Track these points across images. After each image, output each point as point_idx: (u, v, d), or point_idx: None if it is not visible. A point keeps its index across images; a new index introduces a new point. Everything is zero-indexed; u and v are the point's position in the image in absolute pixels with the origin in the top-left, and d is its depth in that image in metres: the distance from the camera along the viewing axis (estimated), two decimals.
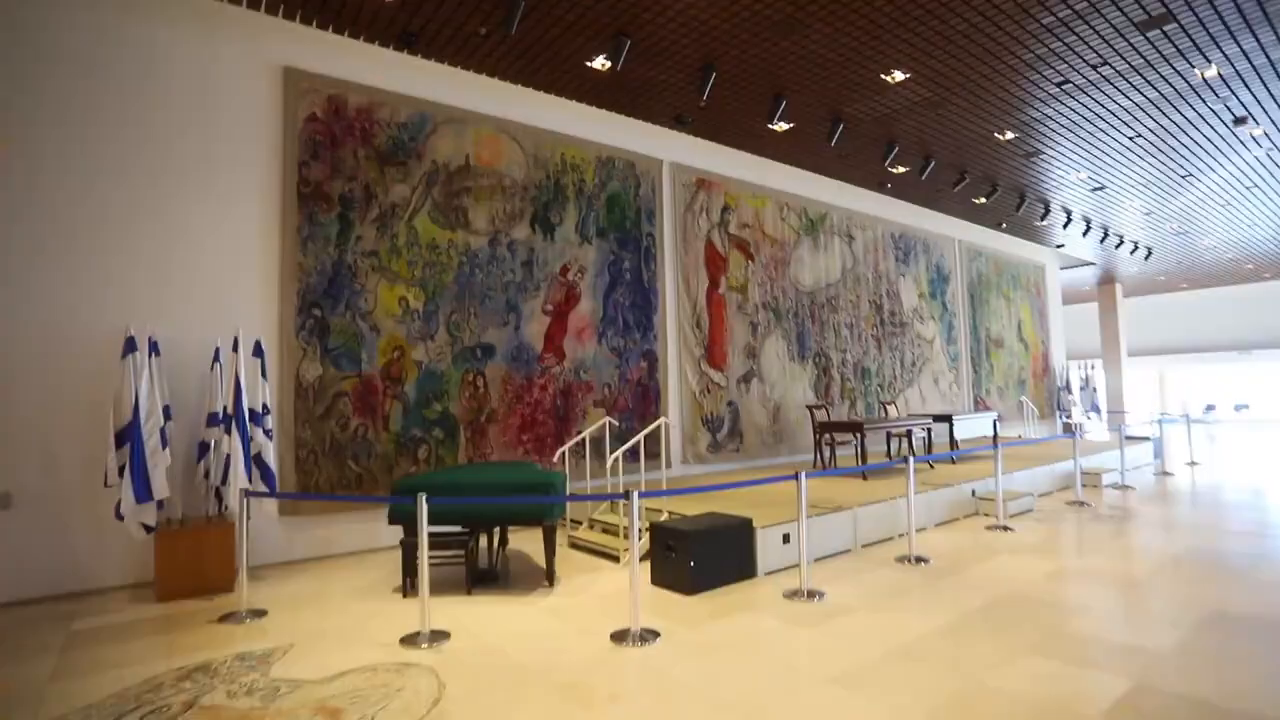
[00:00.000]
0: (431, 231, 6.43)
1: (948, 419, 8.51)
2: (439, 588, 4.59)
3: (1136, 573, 4.65)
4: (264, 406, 5.03)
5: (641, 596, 4.31)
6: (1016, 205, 10.78)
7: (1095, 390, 16.44)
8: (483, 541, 5.33)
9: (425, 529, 3.76)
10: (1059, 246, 14.74)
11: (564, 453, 6.32)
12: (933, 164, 8.79)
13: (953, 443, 8.37)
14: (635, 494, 3.79)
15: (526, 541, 5.96)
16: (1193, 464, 10.33)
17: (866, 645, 3.44)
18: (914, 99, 7.32)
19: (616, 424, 6.71)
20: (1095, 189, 10.53)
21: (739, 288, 9.06)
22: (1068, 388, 15.55)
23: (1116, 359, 18.59)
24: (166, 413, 4.53)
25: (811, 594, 4.27)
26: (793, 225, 9.90)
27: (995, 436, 9.30)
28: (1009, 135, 8.28)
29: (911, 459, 5.32)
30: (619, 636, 3.59)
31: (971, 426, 8.98)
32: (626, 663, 3.31)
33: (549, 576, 4.65)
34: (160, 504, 4.62)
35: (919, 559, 5.03)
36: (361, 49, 6.13)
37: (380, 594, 4.54)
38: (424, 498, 3.79)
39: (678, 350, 8.26)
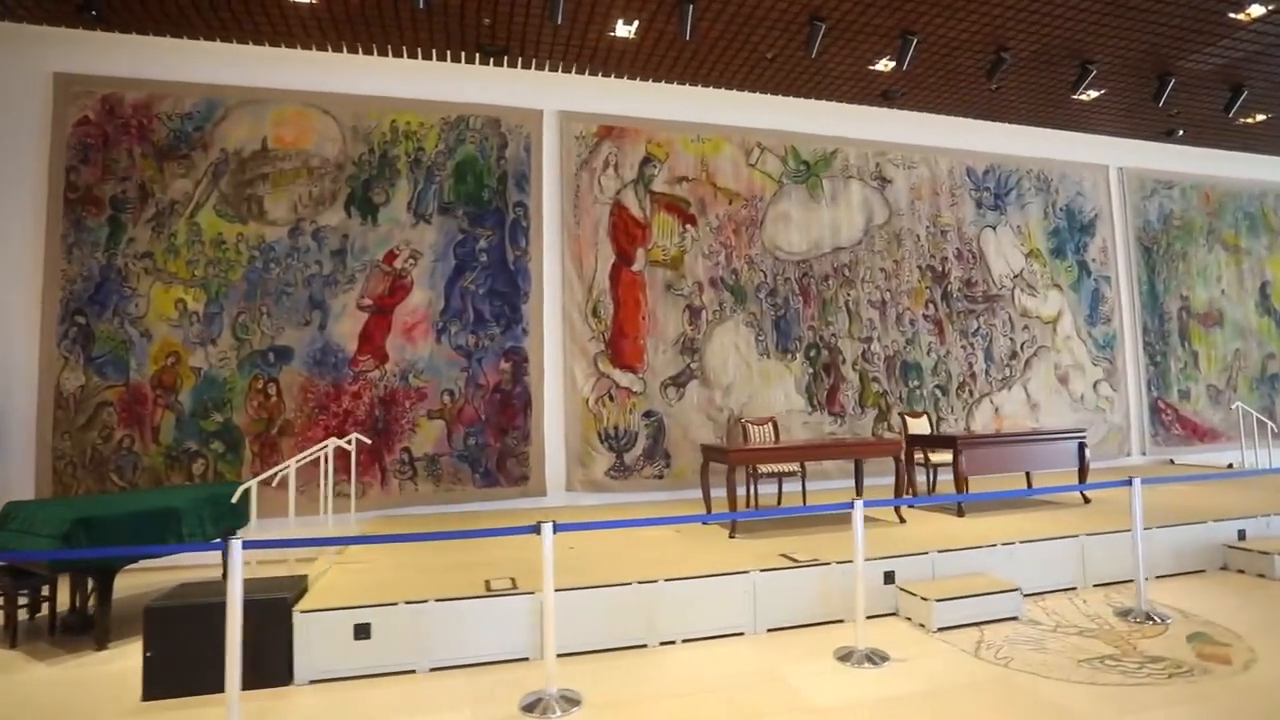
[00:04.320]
0: (217, 226, 5.90)
1: (951, 441, 5.40)
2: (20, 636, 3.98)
3: None
4: None
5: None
6: (1155, 93, 6.47)
7: None
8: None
9: None
10: None
11: (251, 486, 4.94)
12: (915, 41, 5.49)
13: (958, 484, 5.25)
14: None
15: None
16: None
17: None
18: None
19: (369, 441, 5.40)
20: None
21: (668, 262, 6.96)
22: None
23: None
24: None
25: None
26: (768, 172, 7.35)
27: (1082, 469, 5.76)
28: None
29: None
30: None
31: (1023, 455, 5.59)
32: None
33: (97, 638, 3.72)
34: None
35: (563, 700, 2.92)
36: (139, 42, 5.84)
37: None
38: None
39: (561, 347, 6.58)
